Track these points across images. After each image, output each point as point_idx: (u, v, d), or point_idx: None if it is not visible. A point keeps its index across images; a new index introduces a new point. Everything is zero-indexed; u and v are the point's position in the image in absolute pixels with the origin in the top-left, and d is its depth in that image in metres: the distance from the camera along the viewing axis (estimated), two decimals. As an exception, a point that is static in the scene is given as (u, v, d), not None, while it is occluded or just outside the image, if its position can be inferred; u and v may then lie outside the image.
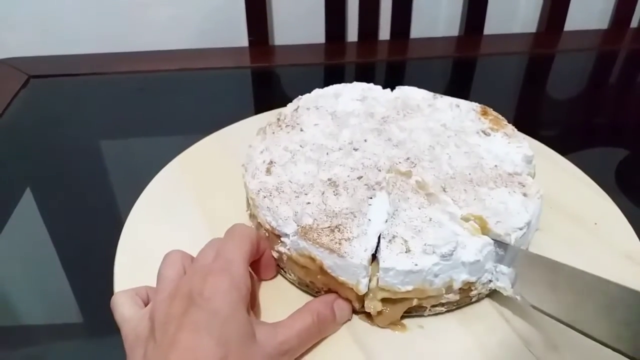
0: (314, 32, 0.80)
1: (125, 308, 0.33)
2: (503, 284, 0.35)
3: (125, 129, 0.65)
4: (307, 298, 0.37)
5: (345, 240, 0.34)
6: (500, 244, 0.35)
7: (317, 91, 0.49)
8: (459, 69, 0.80)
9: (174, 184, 0.47)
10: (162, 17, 0.79)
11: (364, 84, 0.49)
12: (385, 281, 0.33)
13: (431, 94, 0.48)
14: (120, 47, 0.78)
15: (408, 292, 0.34)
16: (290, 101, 0.48)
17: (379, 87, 0.49)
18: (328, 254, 0.34)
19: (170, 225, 0.43)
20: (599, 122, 0.70)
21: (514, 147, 0.42)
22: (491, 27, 0.83)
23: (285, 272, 0.38)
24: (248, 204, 0.41)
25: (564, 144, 0.53)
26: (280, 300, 0.37)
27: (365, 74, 0.50)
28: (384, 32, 0.82)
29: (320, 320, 0.34)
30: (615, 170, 0.57)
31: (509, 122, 0.46)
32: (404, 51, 0.82)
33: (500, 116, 0.45)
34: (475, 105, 0.46)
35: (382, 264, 0.33)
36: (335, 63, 0.79)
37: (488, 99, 0.47)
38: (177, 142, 0.52)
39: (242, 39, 0.80)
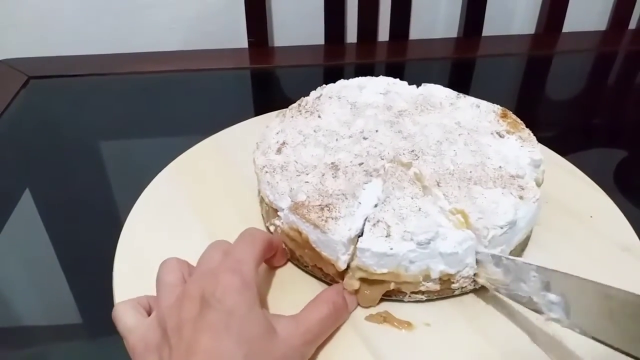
0: (314, 33, 0.80)
1: (128, 318, 0.32)
2: (557, 315, 0.32)
3: (124, 130, 0.66)
4: (310, 291, 0.37)
5: (332, 218, 0.35)
6: (542, 269, 0.33)
7: (342, 82, 0.49)
8: (457, 70, 0.80)
9: (172, 186, 0.47)
10: (161, 18, 0.79)
11: (389, 79, 0.49)
12: (362, 261, 0.35)
13: (455, 93, 0.48)
14: (120, 48, 0.78)
15: (383, 274, 0.35)
16: (290, 102, 0.48)
17: (405, 83, 0.49)
18: (313, 229, 0.35)
19: (169, 230, 0.43)
20: (598, 124, 0.71)
21: (525, 151, 0.41)
22: (490, 28, 0.83)
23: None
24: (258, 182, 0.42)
25: (563, 145, 0.53)
26: (287, 296, 0.38)
27: (364, 75, 0.50)
28: (383, 33, 0.82)
29: (336, 309, 0.34)
30: (614, 171, 0.57)
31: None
32: (403, 52, 0.82)
33: (518, 120, 0.45)
34: (496, 107, 0.46)
35: (359, 244, 0.35)
36: (334, 64, 0.79)
37: (487, 100, 0.47)
38: (177, 144, 0.52)
39: (241, 40, 0.80)
